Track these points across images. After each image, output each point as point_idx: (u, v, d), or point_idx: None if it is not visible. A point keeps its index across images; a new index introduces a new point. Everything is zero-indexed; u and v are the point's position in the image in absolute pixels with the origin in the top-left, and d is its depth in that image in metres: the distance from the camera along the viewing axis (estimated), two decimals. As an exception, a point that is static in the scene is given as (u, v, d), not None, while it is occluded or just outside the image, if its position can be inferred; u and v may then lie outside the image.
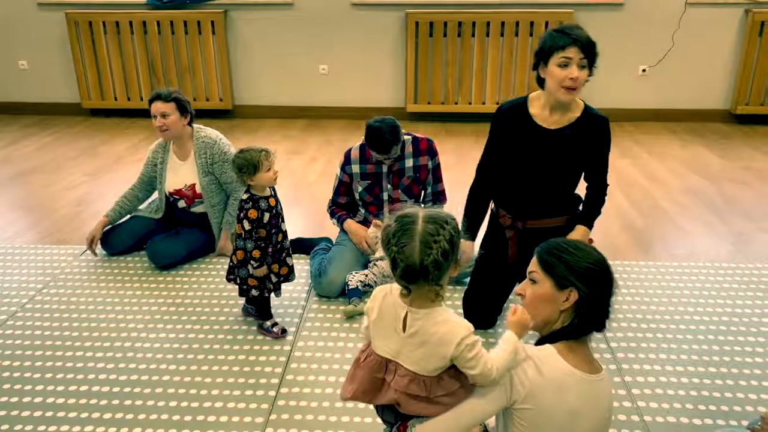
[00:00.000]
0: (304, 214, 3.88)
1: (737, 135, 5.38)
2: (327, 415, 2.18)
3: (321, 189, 4.22)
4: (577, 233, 2.48)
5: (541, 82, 2.36)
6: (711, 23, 5.42)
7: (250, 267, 2.51)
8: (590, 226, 2.52)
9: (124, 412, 2.20)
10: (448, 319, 1.41)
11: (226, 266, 3.19)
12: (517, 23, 5.42)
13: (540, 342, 1.52)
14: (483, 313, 2.61)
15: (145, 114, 6.03)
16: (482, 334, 2.56)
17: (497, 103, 5.63)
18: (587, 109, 2.41)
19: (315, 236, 3.48)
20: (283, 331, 2.62)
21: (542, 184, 2.47)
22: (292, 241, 3.35)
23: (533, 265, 1.54)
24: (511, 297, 2.71)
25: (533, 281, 1.53)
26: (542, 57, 2.29)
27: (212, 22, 5.64)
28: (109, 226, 3.30)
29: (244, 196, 2.49)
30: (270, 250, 2.53)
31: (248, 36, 5.77)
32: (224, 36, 5.69)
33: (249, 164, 2.43)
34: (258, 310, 2.66)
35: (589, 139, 2.40)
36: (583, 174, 2.52)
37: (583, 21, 5.45)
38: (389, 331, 1.45)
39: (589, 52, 2.23)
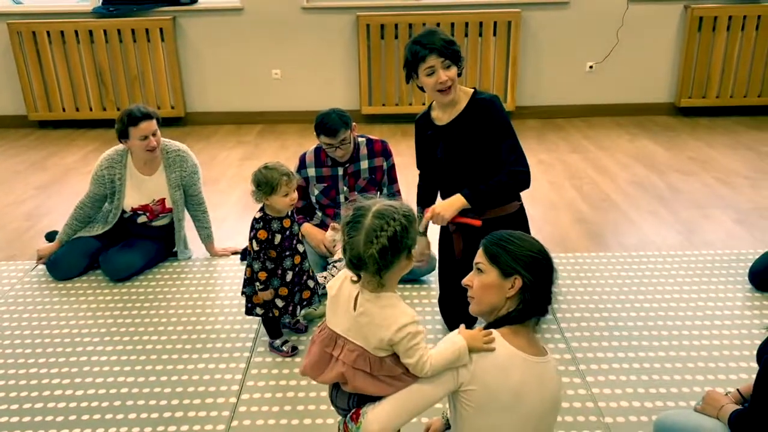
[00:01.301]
0: (261, 220, 3.86)
1: (682, 127, 5.56)
2: (289, 419, 2.18)
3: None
4: (446, 201, 2.43)
5: (423, 89, 2.47)
6: (653, 19, 5.59)
7: (255, 287, 2.44)
8: (468, 197, 2.39)
9: (82, 428, 2.16)
10: (394, 305, 1.48)
11: (183, 275, 3.19)
12: (467, 24, 5.50)
13: (487, 327, 1.57)
14: (456, 313, 2.63)
15: (94, 124, 5.95)
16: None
17: (450, 103, 5.71)
18: (474, 96, 2.49)
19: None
20: (293, 348, 2.52)
21: (457, 177, 2.53)
22: (245, 248, 3.34)
23: (479, 257, 1.62)
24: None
25: (480, 271, 1.60)
26: (411, 70, 2.42)
27: (161, 30, 5.57)
28: (55, 253, 3.20)
29: (257, 215, 2.39)
30: (282, 273, 2.43)
31: (198, 42, 5.72)
32: (174, 43, 5.63)
33: (267, 184, 2.31)
34: (266, 328, 2.56)
35: (479, 122, 2.46)
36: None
37: (530, 20, 5.57)
38: (342, 309, 1.53)
39: (447, 53, 2.33)
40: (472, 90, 2.51)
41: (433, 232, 3.28)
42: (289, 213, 2.45)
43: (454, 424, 1.55)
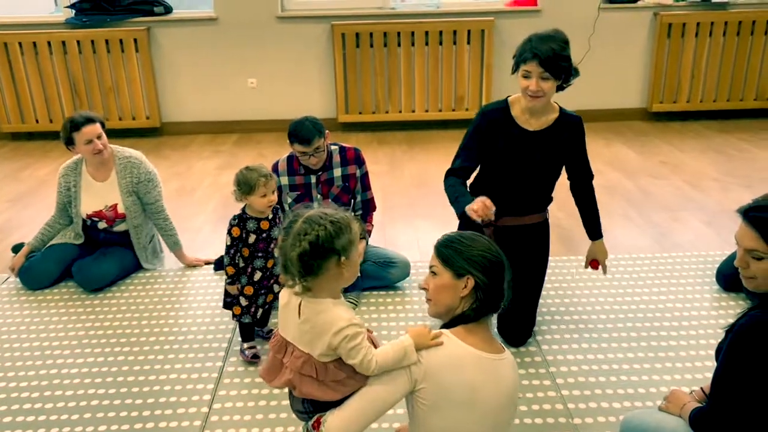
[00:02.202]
0: (236, 229, 3.85)
1: (654, 131, 5.65)
2: (260, 428, 2.18)
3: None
4: (598, 248, 2.70)
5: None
6: (623, 26, 5.68)
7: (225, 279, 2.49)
8: (601, 233, 2.70)
9: (51, 441, 2.15)
10: (328, 310, 1.50)
11: (156, 285, 3.17)
12: (441, 32, 5.55)
13: (444, 326, 1.61)
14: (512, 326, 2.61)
15: (69, 135, 5.90)
16: (515, 353, 2.52)
17: (426, 111, 5.76)
18: (562, 111, 2.54)
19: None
20: (254, 356, 2.52)
21: (523, 183, 2.56)
22: (221, 257, 3.33)
23: (433, 259, 1.66)
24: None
25: (434, 273, 1.64)
26: (515, 66, 2.43)
27: (135, 40, 5.55)
28: (29, 260, 3.19)
29: (237, 213, 2.48)
30: (251, 272, 2.46)
31: (173, 52, 5.71)
32: (148, 53, 5.61)
33: (246, 184, 2.39)
34: (240, 328, 2.58)
35: (567, 138, 2.52)
36: (562, 173, 2.63)
37: (503, 28, 5.63)
38: (290, 317, 1.57)
39: (550, 65, 2.29)
40: (557, 105, 2.53)
41: (412, 237, 3.30)
42: (270, 216, 2.48)
43: (411, 424, 1.57)
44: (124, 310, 2.96)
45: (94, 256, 3.19)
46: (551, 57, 2.30)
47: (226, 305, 2.55)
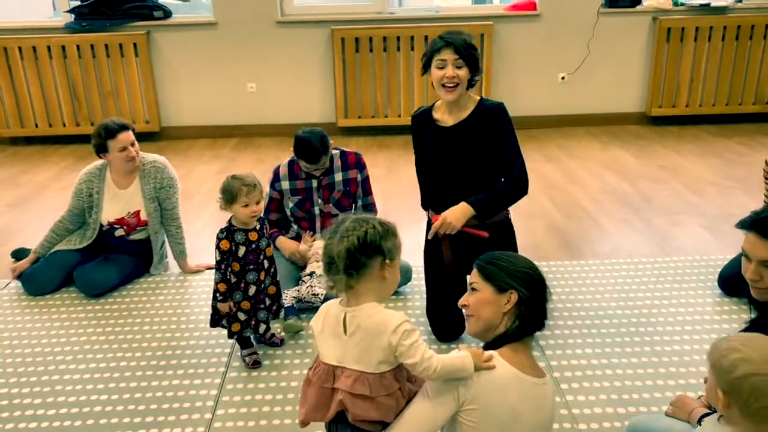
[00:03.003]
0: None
1: (652, 136, 5.66)
2: (264, 434, 2.18)
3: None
4: (453, 208, 2.43)
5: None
6: (622, 31, 5.70)
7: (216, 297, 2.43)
8: (474, 205, 2.43)
9: (54, 448, 2.14)
10: (381, 311, 1.48)
11: (158, 290, 3.17)
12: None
13: (486, 347, 1.58)
14: (446, 321, 2.64)
15: (68, 140, 5.90)
16: (448, 348, 2.57)
17: (425, 115, 5.76)
18: (482, 102, 2.54)
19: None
20: (255, 363, 2.50)
21: (456, 181, 2.55)
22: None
23: (473, 277, 1.65)
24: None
25: (474, 290, 1.63)
26: (426, 63, 2.48)
27: (135, 44, 5.55)
28: (32, 266, 3.18)
29: (224, 226, 2.41)
30: (244, 286, 2.42)
31: (173, 57, 5.70)
32: (148, 57, 5.61)
33: (228, 192, 2.33)
34: (237, 337, 2.54)
35: (485, 129, 2.50)
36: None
37: (502, 33, 5.64)
38: (332, 339, 1.52)
39: (464, 52, 2.38)
40: (479, 97, 2.55)
41: (413, 241, 3.30)
42: (257, 227, 2.43)
43: None
44: (126, 315, 2.95)
45: (96, 261, 3.18)
46: (465, 45, 2.40)
47: (214, 323, 2.48)
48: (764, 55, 5.70)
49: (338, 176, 3.09)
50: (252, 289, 2.43)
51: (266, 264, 2.46)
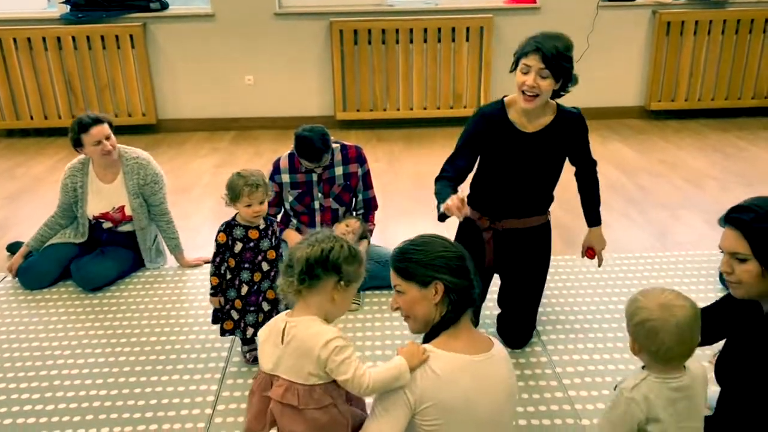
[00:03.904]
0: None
1: (652, 130, 5.65)
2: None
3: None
4: (594, 236, 2.67)
5: None
6: (622, 24, 5.67)
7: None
8: (599, 220, 2.68)
9: (53, 443, 2.12)
10: (317, 325, 1.48)
11: (156, 284, 3.14)
12: (439, 29, 5.52)
13: (425, 339, 1.56)
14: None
15: (64, 132, 5.81)
16: (512, 353, 2.50)
17: (425, 108, 5.74)
18: (560, 109, 2.46)
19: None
20: (255, 359, 2.42)
21: (523, 185, 2.50)
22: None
23: (393, 278, 1.59)
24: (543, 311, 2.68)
25: (400, 293, 1.58)
26: (515, 61, 2.35)
27: (131, 36, 5.50)
28: (27, 260, 3.16)
29: (228, 219, 2.39)
30: (238, 284, 2.38)
31: (170, 49, 5.66)
32: (144, 49, 5.56)
33: (231, 190, 2.31)
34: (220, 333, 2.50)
35: (567, 137, 2.47)
36: (562, 169, 2.58)
37: (502, 26, 5.61)
38: (271, 347, 1.53)
39: (551, 61, 2.22)
40: (555, 102, 2.45)
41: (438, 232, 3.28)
42: (261, 226, 2.39)
43: None
44: (124, 309, 2.92)
45: (93, 255, 3.15)
46: (554, 54, 2.23)
47: (216, 319, 2.45)
48: (764, 49, 5.68)
49: (339, 170, 3.06)
50: (244, 289, 2.39)
51: (265, 266, 2.39)
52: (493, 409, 1.50)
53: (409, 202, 4.15)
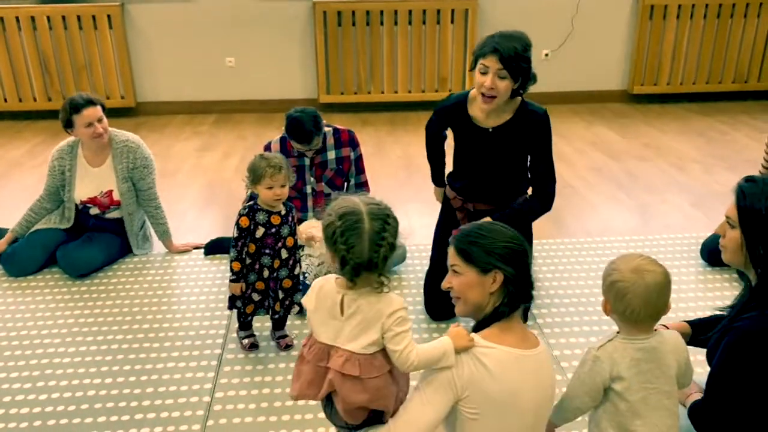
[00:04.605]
0: (223, 213, 3.76)
1: (634, 114, 5.69)
2: (267, 416, 2.14)
3: (239, 186, 4.09)
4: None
5: None
6: (606, 7, 5.67)
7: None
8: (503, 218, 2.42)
9: (48, 434, 2.07)
10: (384, 296, 1.46)
11: (145, 270, 3.08)
12: (424, 12, 5.47)
13: (476, 328, 1.54)
14: (440, 302, 2.57)
15: (40, 116, 5.69)
16: (439, 327, 2.59)
17: (409, 91, 5.70)
18: (524, 106, 2.43)
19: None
20: (252, 346, 2.45)
21: (487, 176, 2.51)
22: (212, 241, 3.26)
23: (452, 258, 1.56)
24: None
25: (456, 273, 1.55)
26: (473, 61, 2.34)
27: (108, 17, 5.36)
28: (12, 246, 3.08)
29: (249, 202, 2.34)
30: (259, 268, 2.34)
31: (148, 30, 5.53)
32: (122, 30, 5.42)
33: (253, 172, 2.26)
34: (238, 317, 2.48)
35: (526, 135, 2.43)
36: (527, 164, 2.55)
37: (486, 8, 5.58)
38: (327, 318, 1.49)
39: (509, 63, 2.22)
40: (520, 98, 2.42)
41: (404, 222, 3.27)
42: (282, 212, 2.34)
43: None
44: (114, 296, 2.87)
45: (80, 241, 3.08)
46: (512, 56, 2.23)
47: (232, 305, 2.40)
48: (744, 34, 5.74)
49: (331, 154, 3.02)
50: (266, 272, 2.35)
51: (284, 254, 2.35)
52: (536, 404, 1.49)
53: (399, 186, 4.13)
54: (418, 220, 3.54)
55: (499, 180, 2.52)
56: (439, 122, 2.60)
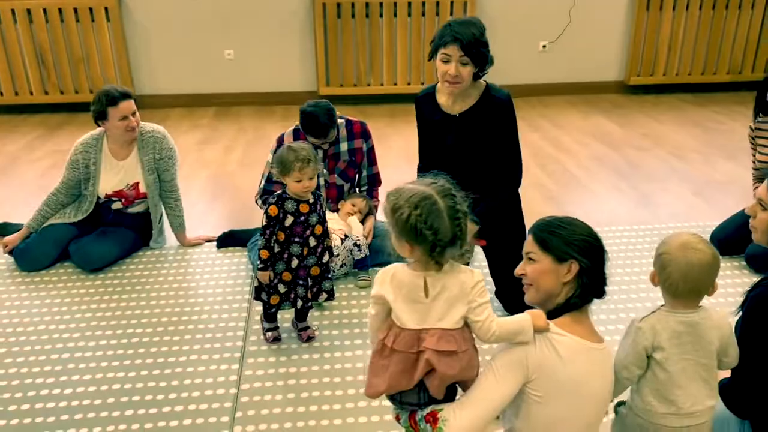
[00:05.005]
0: (231, 206, 3.77)
1: (631, 104, 5.74)
2: (294, 407, 2.15)
3: (244, 179, 4.12)
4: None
5: None
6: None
7: (256, 264, 2.36)
8: (478, 223, 2.27)
9: (77, 427, 2.07)
10: (462, 269, 1.49)
11: (159, 264, 3.08)
12: (423, 3, 5.49)
13: (548, 317, 1.57)
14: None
15: (36, 109, 5.64)
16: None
17: (409, 84, 5.72)
18: (488, 91, 2.48)
19: (245, 228, 3.38)
20: (275, 340, 2.47)
21: (461, 164, 2.49)
22: (225, 234, 3.26)
23: (530, 245, 1.59)
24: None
25: (531, 260, 1.58)
26: (432, 52, 2.39)
27: (106, 8, 5.31)
28: (25, 242, 3.06)
29: (279, 191, 2.35)
30: (288, 257, 2.34)
31: (146, 22, 5.49)
32: (120, 23, 5.38)
33: (282, 164, 2.27)
34: (263, 307, 2.47)
35: (491, 119, 2.47)
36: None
37: (485, 0, 5.60)
38: (411, 304, 1.49)
39: (471, 50, 2.28)
40: (485, 83, 2.47)
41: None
42: (311, 200, 2.35)
43: (516, 416, 1.54)
44: (129, 290, 2.87)
45: (94, 235, 3.07)
46: (472, 42, 2.28)
47: (258, 295, 2.41)
48: (738, 26, 5.81)
49: (344, 146, 3.04)
50: (294, 262, 2.36)
51: (312, 242, 2.37)
52: (598, 396, 1.52)
53: (403, 179, 4.13)
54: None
55: (473, 170, 2.50)
56: (416, 109, 2.64)
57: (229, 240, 3.24)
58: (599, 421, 1.58)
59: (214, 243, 3.25)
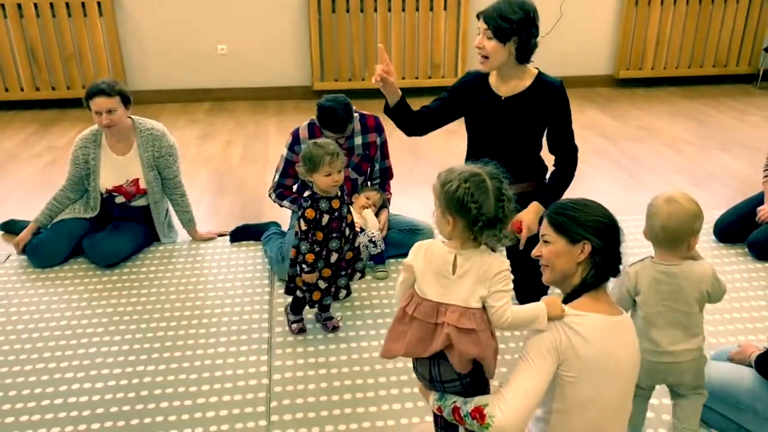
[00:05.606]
0: (238, 201, 3.77)
1: (622, 98, 5.85)
2: (329, 395, 2.18)
3: (249, 173, 4.12)
4: (528, 211, 2.43)
5: None
6: (593, -6, 5.82)
7: (299, 268, 2.36)
8: (544, 204, 2.43)
9: (114, 420, 2.08)
10: (491, 254, 1.55)
11: (174, 259, 3.08)
12: (418, -2, 5.52)
13: (566, 300, 1.61)
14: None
15: (28, 105, 5.56)
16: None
17: (403, 78, 5.74)
18: (540, 77, 2.49)
19: (256, 222, 3.39)
20: (300, 331, 2.50)
21: (502, 150, 2.53)
22: (238, 228, 3.27)
23: (544, 228, 1.65)
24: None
25: (546, 242, 1.63)
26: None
27: (98, 3, 5.25)
28: (37, 237, 3.04)
29: (306, 194, 2.33)
30: (326, 254, 2.35)
31: (139, 17, 5.43)
32: (113, 18, 5.32)
33: (311, 161, 2.26)
34: (292, 300, 2.51)
35: (542, 105, 2.47)
36: (545, 142, 2.60)
37: (479, -6, 5.66)
38: (437, 278, 1.55)
39: (492, 23, 2.30)
40: (537, 69, 2.48)
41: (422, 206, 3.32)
42: (339, 194, 2.37)
43: (551, 398, 1.58)
44: (147, 285, 2.86)
45: (106, 231, 3.06)
46: (495, 16, 2.29)
47: (290, 291, 2.44)
48: (724, 20, 5.95)
49: (358, 140, 3.05)
50: (334, 257, 2.38)
51: (347, 231, 2.40)
52: (629, 366, 1.58)
53: (409, 172, 4.18)
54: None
55: (513, 156, 2.50)
56: (463, 80, 2.57)
57: (242, 234, 3.25)
58: (632, 390, 1.64)
59: (227, 237, 3.25)
